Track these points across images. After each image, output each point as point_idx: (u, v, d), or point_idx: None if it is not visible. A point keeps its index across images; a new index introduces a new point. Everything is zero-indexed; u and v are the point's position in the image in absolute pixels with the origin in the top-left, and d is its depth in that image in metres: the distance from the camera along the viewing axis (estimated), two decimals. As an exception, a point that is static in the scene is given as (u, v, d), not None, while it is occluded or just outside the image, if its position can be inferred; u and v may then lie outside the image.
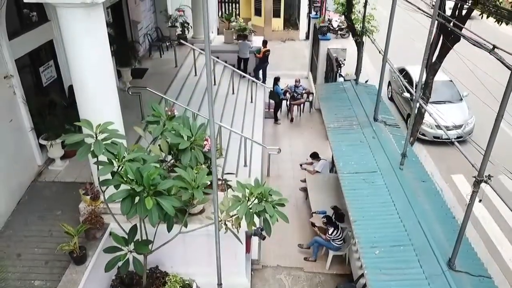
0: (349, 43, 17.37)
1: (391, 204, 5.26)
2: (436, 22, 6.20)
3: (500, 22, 6.91)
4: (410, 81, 13.65)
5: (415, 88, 12.98)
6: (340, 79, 13.70)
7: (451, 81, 13.16)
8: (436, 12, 6.05)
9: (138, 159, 5.24)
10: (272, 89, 13.18)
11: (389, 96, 15.18)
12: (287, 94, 13.41)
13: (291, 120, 13.41)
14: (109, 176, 5.09)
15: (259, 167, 10.27)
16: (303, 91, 13.45)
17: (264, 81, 14.80)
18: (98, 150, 4.89)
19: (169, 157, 6.13)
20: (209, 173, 6.16)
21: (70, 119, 7.60)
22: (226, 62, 15.39)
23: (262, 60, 14.68)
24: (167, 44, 14.47)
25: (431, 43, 6.60)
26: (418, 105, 6.84)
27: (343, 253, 7.52)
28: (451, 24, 7.08)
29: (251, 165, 10.12)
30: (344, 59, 14.63)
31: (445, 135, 11.97)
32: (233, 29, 15.47)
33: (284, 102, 13.62)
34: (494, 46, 4.83)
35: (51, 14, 7.80)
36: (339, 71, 14.22)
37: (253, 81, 13.45)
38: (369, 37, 10.84)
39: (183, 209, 5.63)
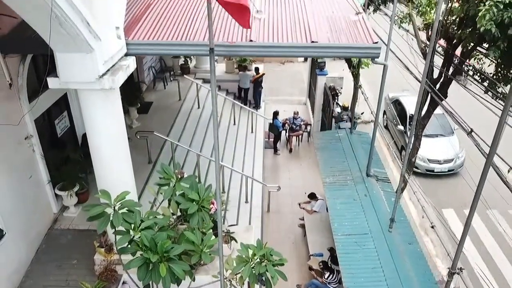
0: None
1: (380, 270, 5.81)
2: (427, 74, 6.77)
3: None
4: (403, 112, 14.22)
5: (408, 121, 13.65)
6: (337, 109, 14.31)
7: (443, 114, 13.72)
8: (424, 79, 6.62)
9: (152, 225, 5.81)
10: (271, 122, 13.74)
11: (384, 124, 15.76)
12: (286, 125, 13.98)
13: (290, 150, 13.97)
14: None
15: (259, 203, 10.81)
16: (302, 123, 14.01)
17: (258, 105, 15.33)
18: (117, 222, 5.44)
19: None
20: (214, 226, 6.77)
21: (84, 169, 8.22)
22: (227, 91, 16.02)
23: (256, 85, 15.29)
24: (171, 74, 15.04)
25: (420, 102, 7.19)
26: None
27: (339, 295, 8.06)
28: (438, 85, 7.66)
29: (252, 201, 10.68)
30: (341, 88, 15.24)
31: (438, 168, 12.59)
32: (233, 59, 16.04)
33: (283, 132, 14.18)
34: (471, 130, 5.39)
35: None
36: (336, 99, 14.83)
37: (253, 112, 14.00)
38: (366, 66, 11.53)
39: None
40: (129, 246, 5.63)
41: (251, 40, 6.27)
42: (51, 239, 7.80)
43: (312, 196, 10.09)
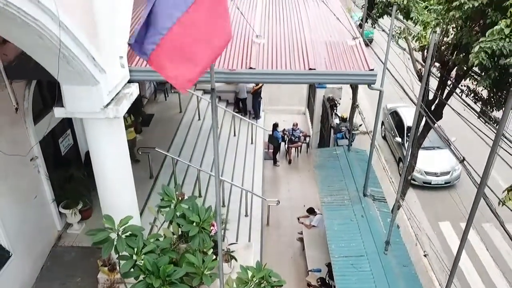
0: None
1: (375, 294, 6.00)
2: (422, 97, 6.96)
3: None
4: (401, 124, 14.40)
5: (406, 132, 13.84)
6: (336, 120, 14.49)
7: (439, 126, 13.91)
8: (419, 101, 6.81)
9: (154, 248, 6.00)
10: (271, 134, 13.93)
11: (383, 135, 15.95)
12: (285, 137, 14.16)
13: (289, 162, 14.16)
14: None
15: (259, 216, 10.99)
16: (301, 134, 14.20)
17: (258, 115, 15.56)
18: (121, 247, 5.63)
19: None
20: (215, 245, 6.95)
21: (87, 187, 8.40)
22: (227, 101, 16.21)
23: (255, 96, 15.48)
24: (172, 86, 15.21)
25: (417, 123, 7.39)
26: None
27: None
28: (433, 106, 7.84)
29: (252, 215, 10.86)
30: (340, 98, 15.42)
31: (434, 181, 12.78)
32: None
33: (282, 143, 14.36)
34: (464, 159, 5.57)
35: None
36: (335, 110, 15.02)
37: (252, 124, 14.19)
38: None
39: (193, 288, 6.37)
40: (132, 270, 5.83)
41: (251, 68, 6.46)
42: (55, 256, 7.98)
43: (311, 211, 10.28)
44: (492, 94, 6.56)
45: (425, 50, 7.79)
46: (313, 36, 7.61)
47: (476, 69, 7.64)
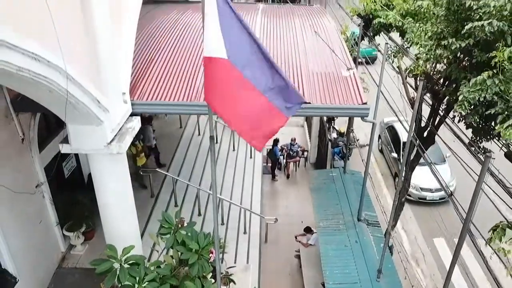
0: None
1: (367, 322, 6.25)
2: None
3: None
4: (397, 138, 14.66)
5: (402, 147, 14.09)
6: (333, 134, 14.76)
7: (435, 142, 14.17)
8: (411, 131, 7.06)
9: (155, 277, 6.27)
10: (271, 148, 14.19)
11: (380, 148, 16.21)
12: (283, 151, 14.43)
13: (288, 176, 14.42)
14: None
15: (257, 233, 11.25)
16: (299, 149, 14.46)
17: None
18: (123, 278, 5.89)
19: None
20: (214, 269, 7.20)
21: (90, 211, 8.66)
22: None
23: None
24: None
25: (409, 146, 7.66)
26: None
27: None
28: (426, 131, 8.10)
29: (250, 232, 11.11)
30: (338, 112, 15.65)
31: (430, 196, 13.03)
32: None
33: (281, 158, 14.63)
34: (452, 193, 5.83)
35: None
36: (333, 124, 15.28)
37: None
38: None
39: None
40: (134, 301, 6.09)
41: (248, 101, 6.71)
42: (59, 278, 8.23)
43: (308, 230, 10.53)
44: (480, 126, 6.80)
45: (418, 78, 8.05)
46: (309, 66, 7.86)
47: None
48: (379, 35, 12.97)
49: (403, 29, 10.83)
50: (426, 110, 8.94)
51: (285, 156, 14.44)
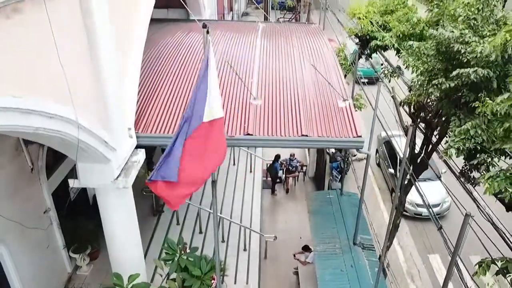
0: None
1: None
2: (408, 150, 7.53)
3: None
4: (394, 154, 14.95)
5: (398, 162, 14.38)
6: (332, 149, 15.06)
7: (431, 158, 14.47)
8: (404, 161, 7.37)
9: (160, 304, 6.59)
10: (271, 164, 14.48)
11: (377, 162, 16.51)
12: (283, 166, 14.73)
13: (287, 191, 14.73)
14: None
15: (257, 250, 11.54)
16: (298, 164, 14.77)
17: None
18: (129, 306, 6.22)
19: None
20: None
21: (95, 233, 8.96)
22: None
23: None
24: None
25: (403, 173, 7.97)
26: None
27: None
28: (419, 159, 8.41)
29: (250, 249, 11.42)
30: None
31: (425, 213, 13.32)
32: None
33: (280, 172, 14.93)
34: (441, 227, 6.13)
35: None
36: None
37: (251, 154, 14.76)
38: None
39: None
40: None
41: (248, 134, 7.03)
42: (65, 299, 8.55)
43: (306, 248, 10.82)
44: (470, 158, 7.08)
45: (411, 106, 8.35)
46: (307, 96, 8.16)
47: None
48: (376, 53, 13.32)
49: (399, 50, 11.18)
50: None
51: (284, 171, 14.74)
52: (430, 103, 7.74)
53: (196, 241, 10.79)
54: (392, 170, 14.42)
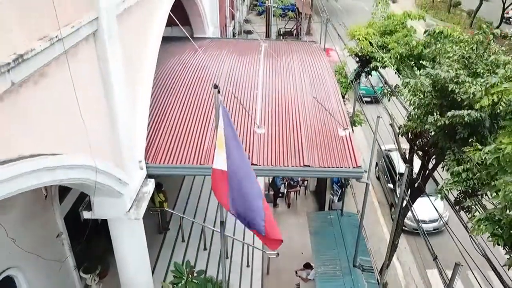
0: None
1: None
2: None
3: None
4: (393, 168, 15.26)
5: (398, 178, 14.69)
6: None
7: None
8: (402, 190, 7.71)
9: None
10: (273, 178, 14.81)
11: (377, 176, 16.84)
12: (284, 180, 15.05)
13: (288, 205, 15.05)
14: None
15: (260, 266, 11.88)
16: (299, 179, 15.09)
17: None
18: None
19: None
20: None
21: (105, 253, 9.30)
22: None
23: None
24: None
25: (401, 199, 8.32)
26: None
27: None
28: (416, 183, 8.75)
29: (253, 265, 11.75)
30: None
31: (424, 227, 13.62)
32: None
33: (282, 186, 15.26)
34: (436, 257, 6.47)
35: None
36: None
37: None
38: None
39: None
40: None
41: (253, 164, 7.36)
42: (76, 318, 8.88)
43: (307, 266, 11.15)
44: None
45: (409, 134, 8.68)
46: (308, 124, 8.50)
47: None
48: (377, 72, 13.70)
49: (399, 70, 11.55)
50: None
51: (286, 185, 15.06)
52: (426, 134, 8.06)
53: (201, 257, 11.11)
54: (391, 185, 14.74)
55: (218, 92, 4.43)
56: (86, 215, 6.61)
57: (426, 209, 13.74)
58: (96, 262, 9.22)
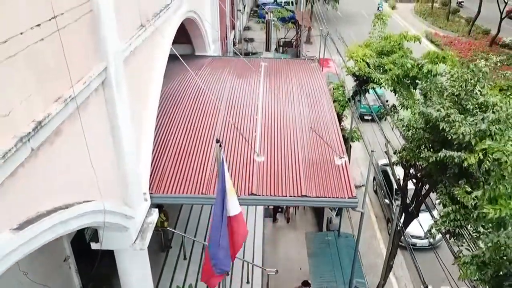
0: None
1: None
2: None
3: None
4: (390, 184, 15.58)
5: (395, 192, 15.04)
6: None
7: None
8: (396, 218, 8.02)
9: None
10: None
11: (374, 189, 17.15)
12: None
13: (288, 220, 15.35)
14: None
15: (259, 282, 12.19)
16: (298, 193, 15.39)
17: None
18: None
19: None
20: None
21: (110, 274, 9.61)
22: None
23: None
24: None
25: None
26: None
27: None
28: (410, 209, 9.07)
29: (253, 281, 12.07)
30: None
31: (419, 243, 13.97)
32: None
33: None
34: (427, 286, 6.77)
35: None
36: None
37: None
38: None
39: None
40: None
41: (253, 193, 7.68)
42: (82, 337, 9.20)
43: (305, 284, 11.45)
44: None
45: (403, 162, 9.00)
46: (306, 150, 8.82)
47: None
48: (374, 91, 14.06)
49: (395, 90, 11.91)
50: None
51: (285, 200, 15.35)
52: (419, 166, 8.40)
53: (202, 275, 11.44)
54: (387, 201, 15.04)
55: (220, 146, 4.75)
56: (94, 246, 6.91)
57: (423, 224, 14.12)
58: (101, 283, 9.55)
